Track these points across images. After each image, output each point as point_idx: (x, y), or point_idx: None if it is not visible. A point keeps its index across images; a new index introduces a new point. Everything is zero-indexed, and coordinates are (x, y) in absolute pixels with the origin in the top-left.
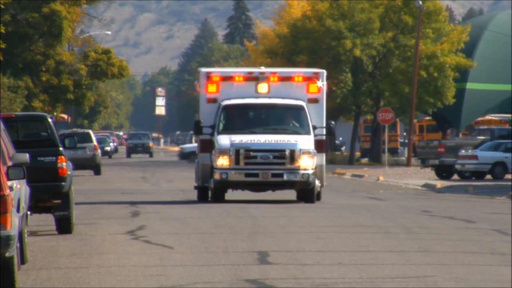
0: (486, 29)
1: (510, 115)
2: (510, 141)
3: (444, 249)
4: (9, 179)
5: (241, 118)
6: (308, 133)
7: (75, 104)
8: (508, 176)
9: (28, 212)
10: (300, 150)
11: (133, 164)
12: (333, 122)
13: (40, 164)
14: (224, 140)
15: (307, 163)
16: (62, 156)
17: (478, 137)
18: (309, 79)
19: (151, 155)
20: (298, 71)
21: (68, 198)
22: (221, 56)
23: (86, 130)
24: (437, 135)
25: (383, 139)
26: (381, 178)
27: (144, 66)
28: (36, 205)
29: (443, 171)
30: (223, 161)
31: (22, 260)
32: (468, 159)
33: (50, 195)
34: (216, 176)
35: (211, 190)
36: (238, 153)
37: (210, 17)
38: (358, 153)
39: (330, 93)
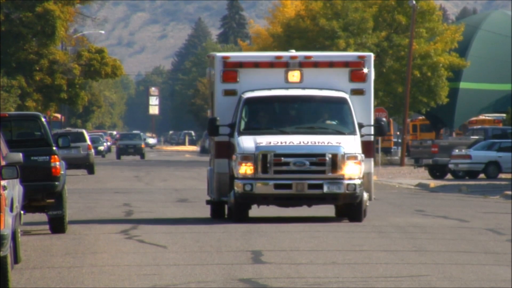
0: (480, 29)
1: (503, 115)
2: (503, 140)
3: (438, 249)
4: (2, 179)
5: (268, 114)
6: (353, 132)
7: (68, 104)
8: (502, 175)
9: (22, 212)
10: (345, 154)
11: (126, 163)
12: (384, 119)
13: (33, 164)
14: (247, 142)
15: (353, 171)
16: (56, 156)
17: (472, 137)
18: (353, 64)
19: (142, 156)
20: (339, 55)
21: (61, 198)
22: None
23: (79, 130)
24: (430, 135)
25: (377, 139)
26: (374, 177)
27: (138, 65)
28: (30, 204)
29: (437, 171)
30: (246, 169)
31: (16, 260)
32: (461, 159)
33: (43, 195)
34: (238, 188)
35: (230, 206)
36: (265, 159)
37: (204, 17)
38: None
39: None
